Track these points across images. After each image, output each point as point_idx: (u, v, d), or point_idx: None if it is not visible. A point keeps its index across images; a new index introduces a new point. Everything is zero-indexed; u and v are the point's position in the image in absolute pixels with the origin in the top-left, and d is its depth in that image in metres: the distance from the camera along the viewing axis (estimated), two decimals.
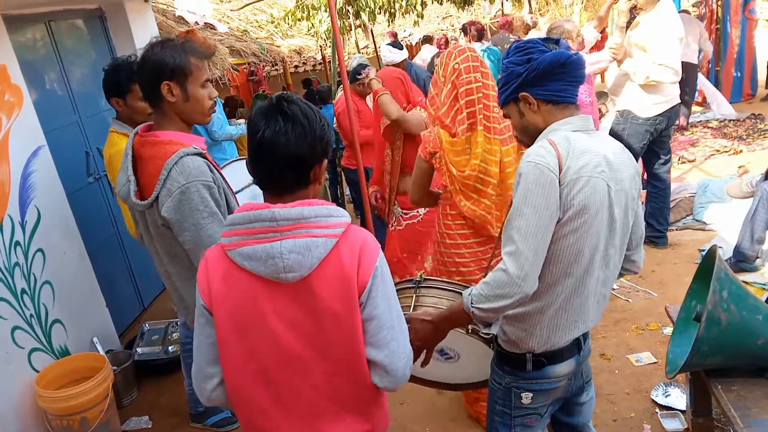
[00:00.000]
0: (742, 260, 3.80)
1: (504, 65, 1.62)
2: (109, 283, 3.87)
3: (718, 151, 6.23)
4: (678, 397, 2.77)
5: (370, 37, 10.95)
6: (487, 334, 1.73)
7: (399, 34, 10.70)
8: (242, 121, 5.30)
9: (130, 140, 2.05)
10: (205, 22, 5.21)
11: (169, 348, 3.69)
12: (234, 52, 7.04)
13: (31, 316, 3.05)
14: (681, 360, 1.96)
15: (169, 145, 1.93)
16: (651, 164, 4.30)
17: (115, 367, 3.26)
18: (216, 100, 2.10)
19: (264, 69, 10.03)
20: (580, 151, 1.49)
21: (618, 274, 1.71)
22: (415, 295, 1.91)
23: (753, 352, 1.90)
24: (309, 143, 1.29)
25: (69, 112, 3.89)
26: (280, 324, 1.30)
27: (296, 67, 11.02)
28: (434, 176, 2.56)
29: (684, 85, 4.82)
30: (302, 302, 1.29)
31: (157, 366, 3.64)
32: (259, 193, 1.37)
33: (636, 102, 4.00)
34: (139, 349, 3.72)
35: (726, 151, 6.20)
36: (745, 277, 3.70)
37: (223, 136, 4.65)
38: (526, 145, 1.64)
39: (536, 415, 1.73)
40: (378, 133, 3.38)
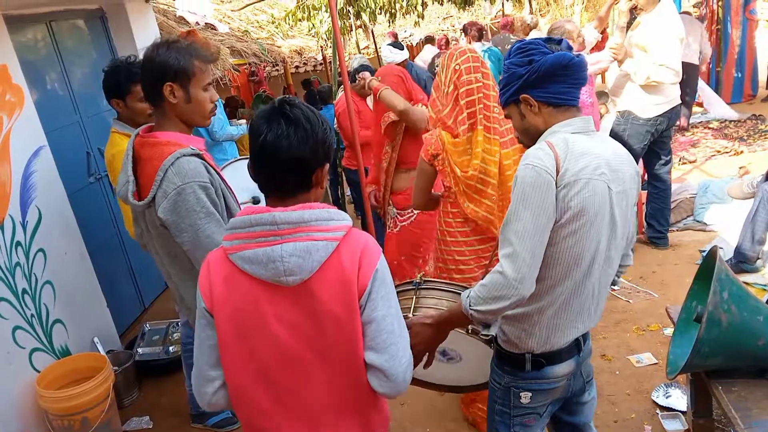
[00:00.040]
0: (743, 261, 3.80)
1: (505, 66, 1.61)
2: (110, 283, 3.88)
3: (719, 152, 6.23)
4: (679, 398, 2.78)
5: (371, 38, 10.95)
6: (487, 335, 1.73)
7: (399, 35, 10.71)
8: (243, 121, 5.30)
9: (131, 141, 2.06)
10: (206, 23, 5.21)
11: (170, 348, 3.69)
12: (235, 53, 7.06)
13: (32, 316, 3.06)
14: (682, 361, 1.96)
15: (167, 146, 1.93)
16: (652, 165, 4.30)
17: (116, 368, 3.27)
18: (217, 103, 2.10)
19: (265, 69, 10.02)
20: (579, 153, 1.49)
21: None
22: (415, 297, 1.91)
23: (754, 353, 1.90)
24: (311, 147, 1.29)
25: (70, 112, 3.89)
26: (281, 327, 1.30)
27: (297, 68, 11.02)
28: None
29: (685, 86, 4.82)
30: (303, 305, 1.29)
31: (158, 366, 3.64)
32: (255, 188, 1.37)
33: (637, 102, 4.00)
34: (140, 350, 3.72)
35: (727, 152, 6.19)
36: (746, 278, 3.70)
37: (224, 137, 4.66)
38: (527, 146, 1.64)
39: (535, 414, 1.73)
40: (377, 132, 3.36)
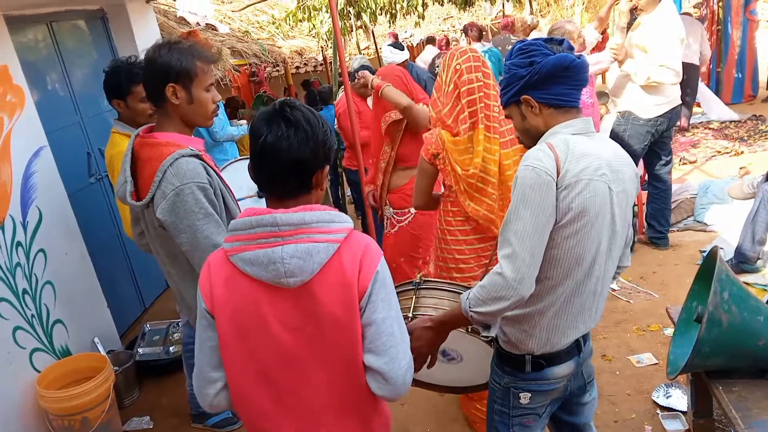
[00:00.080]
0: (743, 261, 3.80)
1: (506, 67, 1.61)
2: (111, 284, 3.88)
3: (719, 153, 6.22)
4: (679, 398, 2.78)
5: (371, 38, 10.95)
6: (487, 337, 1.73)
7: (400, 35, 10.71)
8: (243, 122, 5.30)
9: (130, 141, 2.06)
10: (207, 23, 5.21)
11: (170, 348, 3.69)
12: (235, 53, 7.06)
13: (33, 316, 3.06)
14: (682, 361, 1.96)
15: (166, 146, 1.94)
16: (652, 165, 4.30)
17: (117, 368, 3.27)
18: (218, 104, 2.11)
19: (265, 70, 10.04)
20: (580, 154, 1.49)
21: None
22: (414, 297, 1.92)
23: (754, 354, 1.90)
24: (311, 148, 1.29)
25: (70, 113, 3.89)
26: (281, 328, 1.30)
27: (297, 68, 11.03)
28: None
29: (685, 87, 4.82)
30: (303, 307, 1.29)
31: (159, 366, 3.65)
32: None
33: (637, 103, 4.00)
34: (141, 350, 3.72)
35: (727, 153, 6.19)
36: (746, 279, 3.70)
37: (225, 137, 4.66)
38: (527, 147, 1.64)
39: (534, 415, 1.73)
40: (376, 132, 3.36)
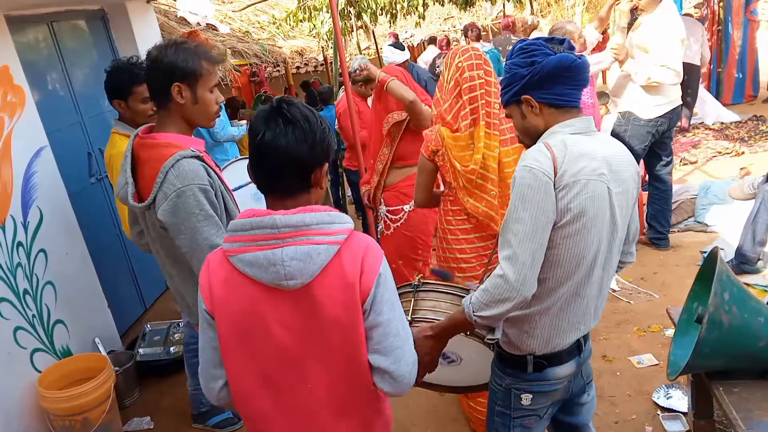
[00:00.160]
0: (744, 262, 3.80)
1: (507, 66, 1.60)
2: (111, 284, 3.88)
3: (720, 153, 6.22)
4: (680, 399, 2.77)
5: (372, 38, 10.95)
6: (492, 340, 1.73)
7: (400, 35, 10.72)
8: (244, 122, 5.30)
9: (130, 142, 2.06)
10: (207, 23, 5.22)
11: (171, 349, 3.69)
12: (236, 53, 7.07)
13: (33, 316, 3.06)
14: (682, 362, 1.96)
15: (167, 147, 1.93)
16: (653, 166, 4.30)
17: (117, 368, 3.27)
18: (221, 105, 2.11)
19: (266, 70, 10.04)
20: (578, 154, 1.48)
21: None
22: (413, 299, 1.91)
23: (754, 354, 1.89)
24: (309, 146, 1.28)
25: (71, 113, 3.90)
26: (281, 329, 1.29)
27: (298, 68, 11.04)
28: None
29: (686, 87, 4.82)
30: (303, 309, 1.28)
31: (159, 367, 3.64)
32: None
33: (637, 103, 4.00)
34: (141, 350, 3.72)
35: (728, 153, 6.19)
36: (747, 279, 3.69)
37: (225, 137, 4.66)
38: (527, 146, 1.64)
39: (535, 416, 1.73)
40: (375, 132, 3.35)
